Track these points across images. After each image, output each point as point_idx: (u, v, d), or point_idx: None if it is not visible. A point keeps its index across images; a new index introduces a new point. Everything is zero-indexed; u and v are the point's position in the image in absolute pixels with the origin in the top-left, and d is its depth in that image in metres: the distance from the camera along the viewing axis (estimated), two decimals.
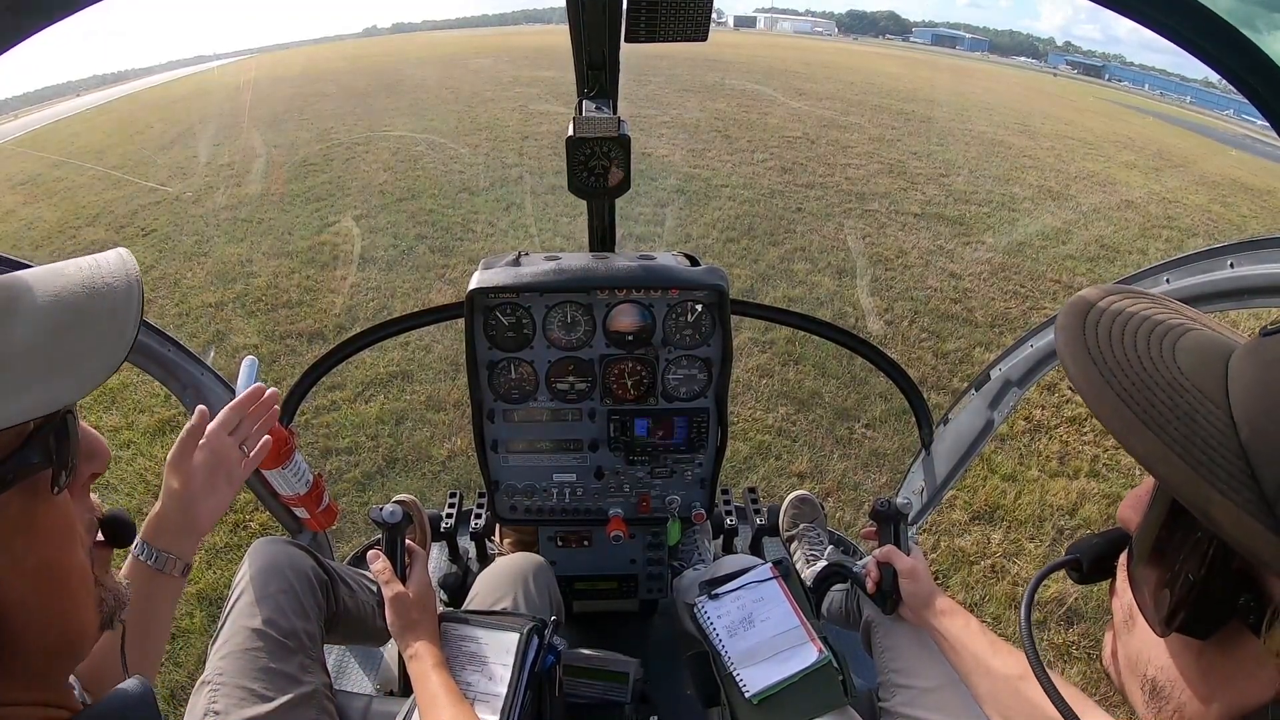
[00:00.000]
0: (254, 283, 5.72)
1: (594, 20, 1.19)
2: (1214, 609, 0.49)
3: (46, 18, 0.79)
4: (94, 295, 0.64)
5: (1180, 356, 0.50)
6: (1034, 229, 8.01)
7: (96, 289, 0.64)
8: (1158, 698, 0.57)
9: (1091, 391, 0.50)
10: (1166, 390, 0.48)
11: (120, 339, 0.63)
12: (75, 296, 0.64)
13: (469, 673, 1.32)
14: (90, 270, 0.66)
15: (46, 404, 0.58)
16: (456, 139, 10.64)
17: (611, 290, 1.59)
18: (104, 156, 10.57)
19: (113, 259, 0.69)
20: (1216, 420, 0.46)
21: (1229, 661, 0.51)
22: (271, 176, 8.97)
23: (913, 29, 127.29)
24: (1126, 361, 0.50)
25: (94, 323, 0.63)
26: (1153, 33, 0.87)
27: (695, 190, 8.40)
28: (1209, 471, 0.44)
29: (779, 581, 1.54)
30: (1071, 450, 4.02)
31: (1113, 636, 0.64)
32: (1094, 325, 0.53)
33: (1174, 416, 0.47)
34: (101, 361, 0.62)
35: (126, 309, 0.65)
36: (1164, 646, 0.56)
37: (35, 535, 0.61)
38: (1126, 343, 0.52)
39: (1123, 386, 0.49)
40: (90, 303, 0.63)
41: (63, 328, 0.61)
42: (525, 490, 1.78)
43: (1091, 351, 0.52)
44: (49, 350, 0.59)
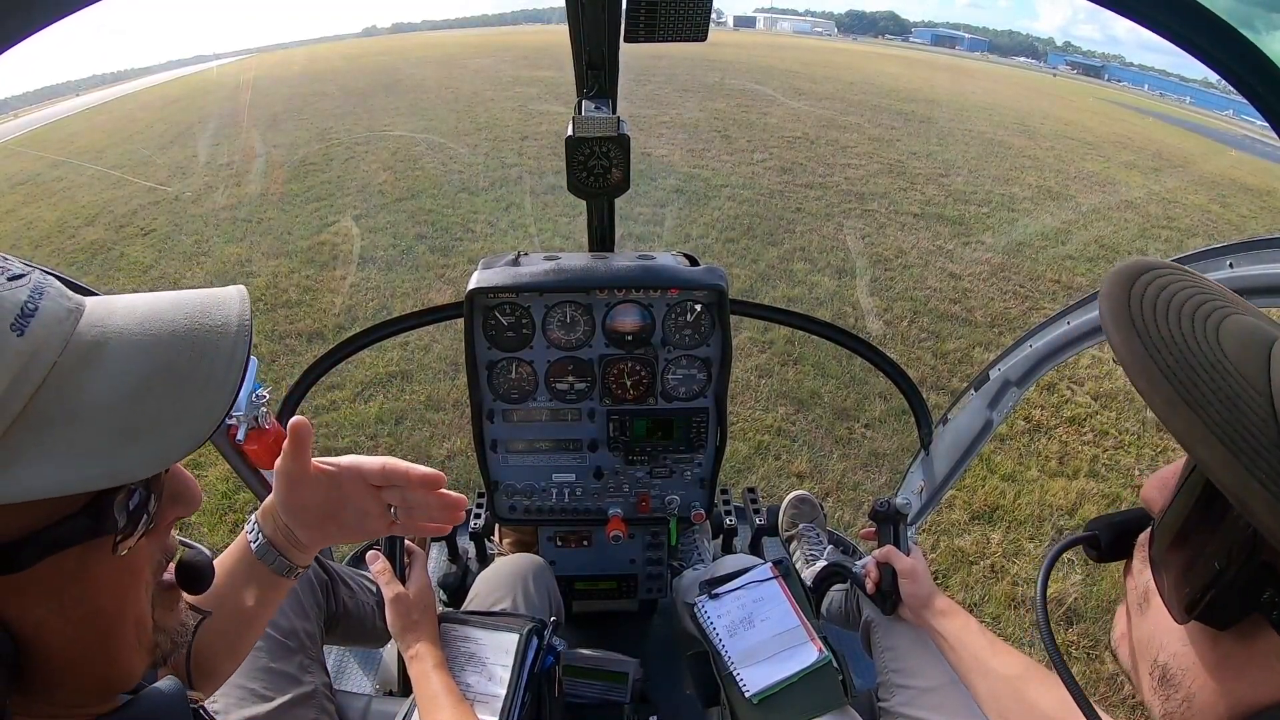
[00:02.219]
0: (253, 283, 5.72)
1: (593, 20, 1.19)
2: (1236, 600, 0.48)
3: (46, 18, 0.78)
4: (193, 353, 0.55)
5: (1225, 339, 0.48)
6: (1033, 229, 8.02)
7: (197, 344, 0.56)
8: (1167, 685, 0.56)
9: (1135, 365, 0.49)
10: (1209, 371, 0.47)
11: (209, 413, 0.54)
12: (171, 350, 0.55)
13: (468, 673, 1.32)
14: (195, 317, 0.57)
15: (109, 476, 0.50)
16: (456, 139, 10.64)
17: (611, 290, 1.59)
18: (103, 156, 10.57)
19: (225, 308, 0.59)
20: (1259, 409, 0.44)
21: (1245, 655, 0.50)
22: (271, 176, 8.98)
23: (912, 29, 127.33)
24: (1171, 338, 0.49)
25: (185, 388, 0.54)
26: (1152, 33, 0.87)
27: (695, 190, 8.40)
28: (1250, 459, 0.43)
29: (779, 581, 1.54)
30: (1071, 450, 4.02)
31: (1125, 618, 0.63)
32: (1139, 297, 0.52)
33: (1216, 399, 0.45)
34: (183, 435, 0.53)
35: (224, 378, 0.55)
36: (1179, 633, 0.55)
37: (90, 586, 0.55)
38: (1171, 318, 0.50)
39: (1166, 363, 0.48)
40: (186, 362, 0.55)
41: (148, 388, 0.53)
42: (525, 490, 1.78)
43: (1136, 323, 0.50)
44: (126, 413, 0.51)
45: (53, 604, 0.53)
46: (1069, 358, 1.74)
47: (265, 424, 1.59)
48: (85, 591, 0.55)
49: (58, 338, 0.52)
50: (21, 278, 0.52)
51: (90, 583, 0.55)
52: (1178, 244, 8.27)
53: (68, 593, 0.54)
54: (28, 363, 0.49)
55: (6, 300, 0.50)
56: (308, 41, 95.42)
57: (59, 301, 0.53)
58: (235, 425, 1.56)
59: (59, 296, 0.54)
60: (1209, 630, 0.51)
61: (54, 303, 0.53)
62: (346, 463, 0.92)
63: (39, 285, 0.53)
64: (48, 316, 0.52)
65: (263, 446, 1.59)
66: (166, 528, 0.64)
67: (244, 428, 1.56)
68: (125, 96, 20.05)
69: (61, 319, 0.53)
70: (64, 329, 0.53)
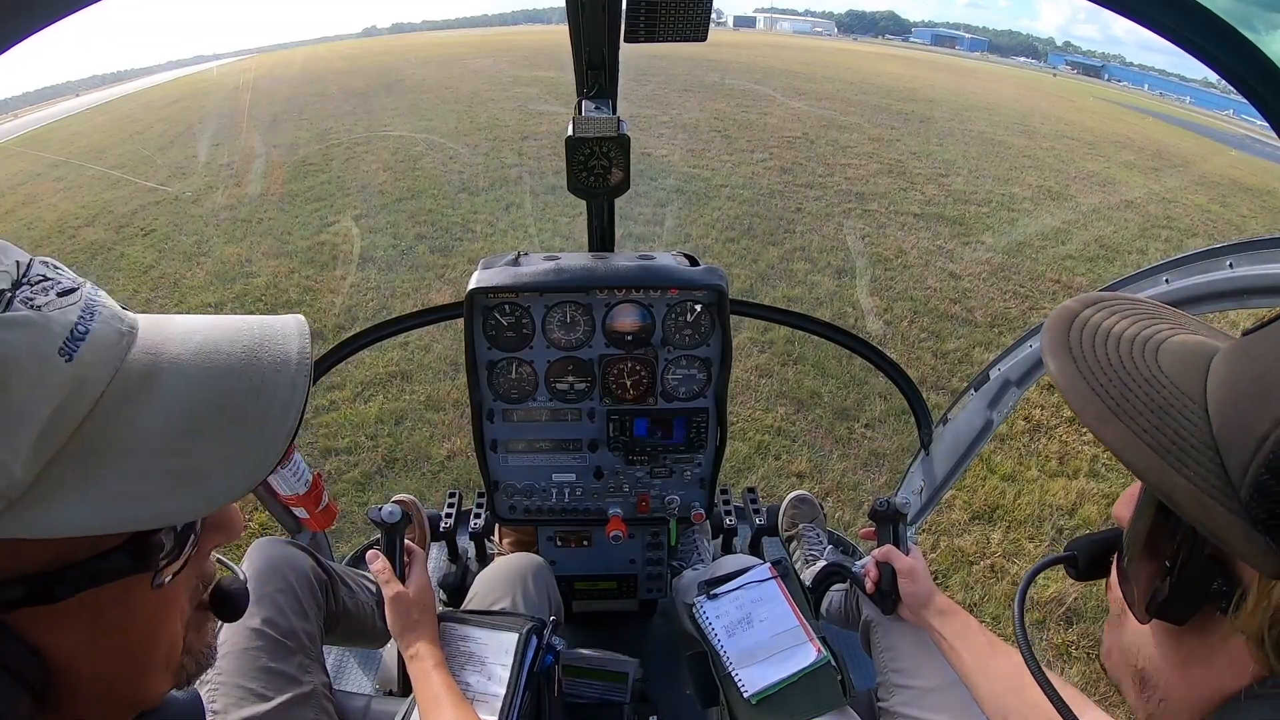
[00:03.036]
0: (253, 283, 5.72)
1: (593, 20, 1.19)
2: (1188, 594, 0.52)
3: (46, 18, 0.78)
4: (249, 392, 0.52)
5: (1163, 359, 0.53)
6: (1033, 229, 8.02)
7: (254, 382, 0.53)
8: (1146, 687, 0.60)
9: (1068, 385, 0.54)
10: (1143, 386, 0.52)
11: (263, 459, 0.51)
12: (226, 387, 0.52)
13: (468, 673, 1.32)
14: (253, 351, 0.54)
15: (153, 519, 0.48)
16: (456, 139, 10.63)
17: (611, 290, 1.59)
18: (104, 156, 10.56)
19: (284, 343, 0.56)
20: (1191, 414, 0.49)
21: (1205, 647, 0.53)
22: (271, 176, 8.97)
23: (912, 29, 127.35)
24: (1106, 361, 0.54)
25: (238, 429, 0.51)
26: (1152, 33, 0.87)
27: (694, 190, 8.40)
28: (1176, 459, 0.48)
29: (778, 581, 1.54)
30: (1071, 450, 4.02)
31: (1110, 632, 0.66)
32: (1079, 329, 0.57)
33: (1147, 410, 0.50)
34: (234, 479, 0.50)
35: (280, 422, 0.52)
36: (1150, 636, 0.58)
37: (126, 616, 0.53)
38: (1109, 347, 0.55)
39: (1099, 383, 0.53)
40: (241, 402, 0.52)
41: (200, 427, 0.50)
42: (524, 490, 1.78)
43: (1073, 350, 0.55)
44: (175, 453, 0.49)
45: (86, 632, 0.51)
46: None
47: None
48: (120, 621, 0.53)
49: (108, 365, 0.49)
50: (73, 293, 0.49)
51: (126, 613, 0.53)
52: (1177, 244, 8.27)
53: (102, 622, 0.52)
54: (74, 391, 0.46)
55: (55, 321, 0.46)
56: (308, 42, 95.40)
57: (111, 324, 0.50)
58: None
59: (112, 318, 0.50)
60: (1171, 629, 0.55)
61: (106, 325, 0.50)
62: None
63: (91, 303, 0.50)
64: (99, 340, 0.48)
65: None
66: (206, 555, 0.62)
67: None
68: (125, 96, 20.05)
69: (113, 343, 0.50)
70: (115, 355, 0.50)
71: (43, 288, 0.47)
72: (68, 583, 0.48)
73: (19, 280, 0.47)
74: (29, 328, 0.45)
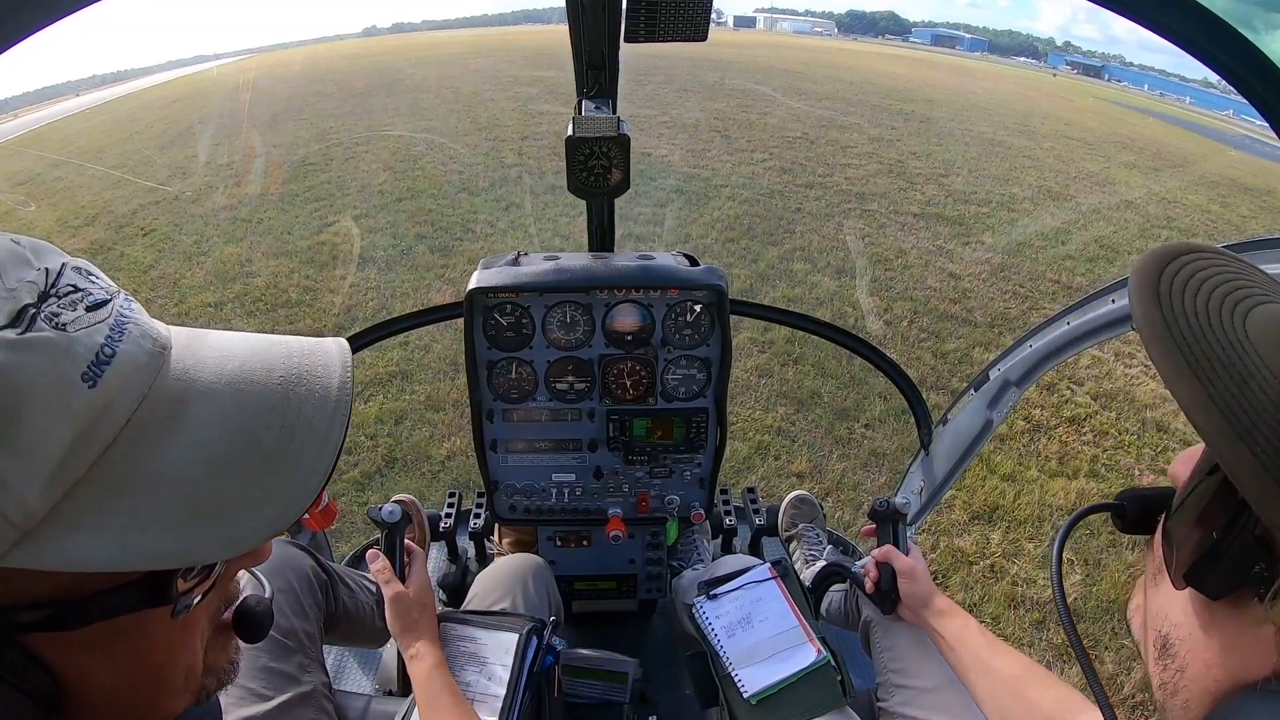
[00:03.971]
0: (253, 283, 5.72)
1: (593, 20, 1.19)
2: (1229, 571, 0.50)
3: (46, 18, 0.78)
4: (284, 428, 0.49)
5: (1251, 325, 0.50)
6: (1033, 229, 8.02)
7: (289, 418, 0.50)
8: (1166, 654, 0.58)
9: (1150, 332, 0.51)
10: (1225, 349, 0.49)
11: (294, 500, 0.48)
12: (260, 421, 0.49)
13: (468, 673, 1.32)
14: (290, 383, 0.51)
15: (178, 557, 0.46)
16: (456, 139, 10.63)
17: (611, 290, 1.59)
18: (103, 156, 10.56)
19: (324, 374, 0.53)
20: (1271, 389, 0.46)
21: (1233, 628, 0.52)
22: (271, 176, 8.97)
23: (912, 29, 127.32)
24: (1194, 312, 0.51)
25: (271, 468, 0.48)
26: (1152, 33, 0.87)
27: (694, 190, 8.40)
28: (1247, 431, 0.45)
29: (778, 581, 1.54)
30: (1071, 450, 4.02)
31: (1141, 591, 0.65)
32: (1171, 274, 0.53)
33: (1226, 375, 0.47)
34: (261, 523, 0.47)
35: (315, 462, 0.49)
36: (1181, 605, 0.57)
37: (143, 643, 0.51)
38: (1200, 297, 0.52)
39: (1182, 334, 0.50)
40: (275, 439, 0.49)
41: (229, 463, 0.47)
42: (524, 490, 1.78)
43: (1161, 297, 0.52)
44: (202, 491, 0.46)
45: (102, 657, 0.49)
46: (1069, 358, 1.74)
47: None
48: (137, 647, 0.51)
49: (135, 390, 0.46)
50: (103, 306, 0.46)
51: (143, 640, 0.51)
52: None
53: (119, 648, 0.50)
54: (97, 418, 0.44)
55: (80, 343, 0.43)
56: (308, 41, 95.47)
57: (141, 344, 0.47)
58: None
59: (142, 337, 0.47)
60: (1204, 601, 0.53)
61: (135, 345, 0.47)
62: None
63: (121, 320, 0.47)
64: (126, 363, 0.45)
65: None
66: (230, 580, 0.60)
67: None
68: (125, 96, 20.04)
69: (141, 366, 0.47)
70: (143, 379, 0.47)
71: (71, 301, 0.44)
72: (84, 613, 0.46)
73: (46, 292, 0.44)
74: (50, 351, 0.42)
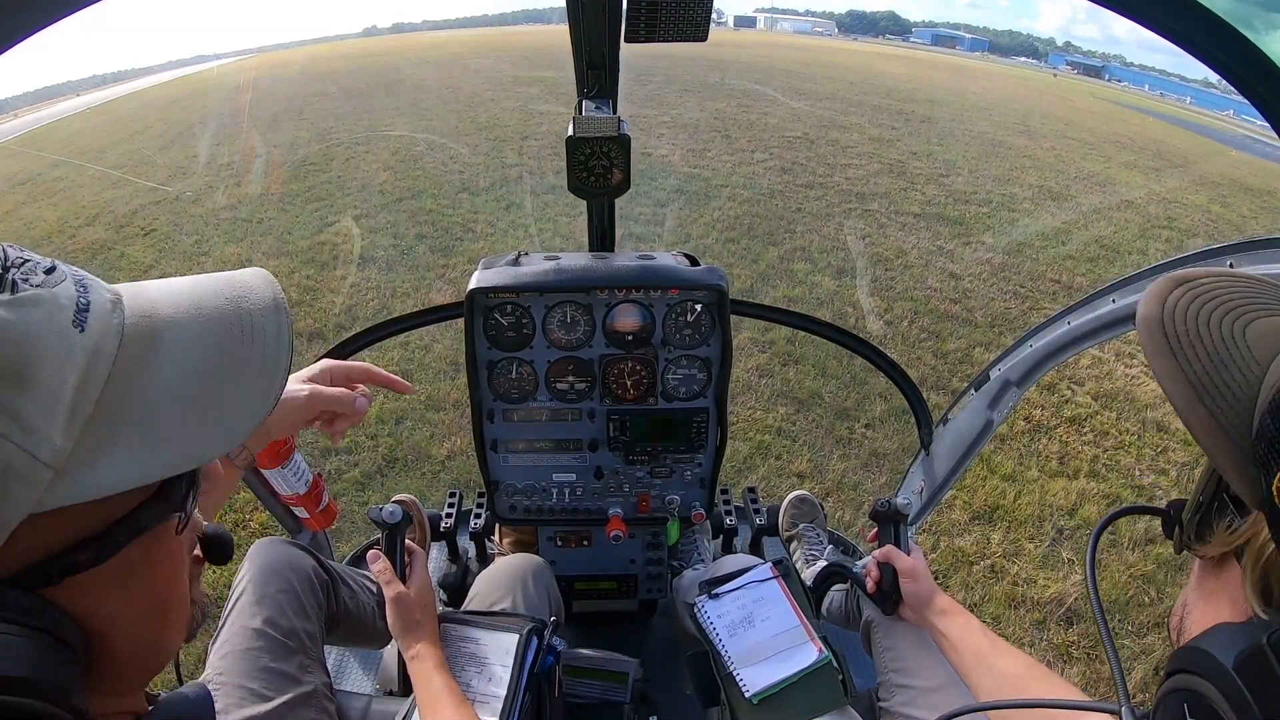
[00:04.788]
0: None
1: (594, 20, 1.19)
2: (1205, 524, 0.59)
3: (46, 18, 0.78)
4: (243, 335, 0.58)
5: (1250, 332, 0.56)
6: (1034, 229, 8.02)
7: (246, 329, 0.59)
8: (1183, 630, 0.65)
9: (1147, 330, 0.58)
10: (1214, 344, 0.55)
11: (268, 389, 0.58)
12: (223, 334, 0.58)
13: (468, 674, 1.32)
14: (238, 301, 0.60)
15: (190, 459, 0.53)
16: (456, 139, 10.64)
17: (611, 290, 1.59)
18: (104, 156, 10.57)
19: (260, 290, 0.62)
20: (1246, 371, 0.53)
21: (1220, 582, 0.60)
22: (271, 176, 8.98)
23: (913, 29, 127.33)
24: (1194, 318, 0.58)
25: (243, 370, 0.57)
26: (1152, 33, 0.87)
27: (695, 190, 8.40)
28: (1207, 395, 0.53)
29: (779, 581, 1.54)
30: (1071, 450, 4.02)
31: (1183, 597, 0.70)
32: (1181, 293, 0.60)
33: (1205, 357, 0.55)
34: (248, 414, 0.56)
35: (277, 356, 0.59)
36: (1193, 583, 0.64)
37: (152, 571, 0.58)
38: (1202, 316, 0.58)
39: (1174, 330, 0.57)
40: (240, 347, 0.58)
41: (209, 372, 0.55)
42: (525, 490, 1.78)
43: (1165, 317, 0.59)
44: (194, 398, 0.54)
45: (122, 594, 0.55)
46: (1069, 358, 1.74)
47: None
48: (148, 576, 0.57)
49: (113, 331, 0.52)
50: (55, 270, 0.51)
51: (152, 568, 0.57)
52: (1178, 244, 8.27)
53: (134, 580, 0.55)
54: (92, 360, 0.49)
55: (61, 296, 0.49)
56: (308, 41, 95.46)
57: (102, 294, 0.53)
58: None
59: (98, 289, 0.54)
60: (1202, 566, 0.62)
61: (99, 295, 0.53)
62: None
63: (78, 278, 0.52)
64: (99, 310, 0.52)
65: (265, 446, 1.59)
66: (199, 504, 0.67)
67: None
68: (125, 96, 20.05)
69: (109, 313, 0.53)
70: (116, 321, 0.53)
71: (28, 269, 0.49)
72: (116, 540, 0.52)
73: (6, 264, 0.49)
74: (44, 305, 0.48)
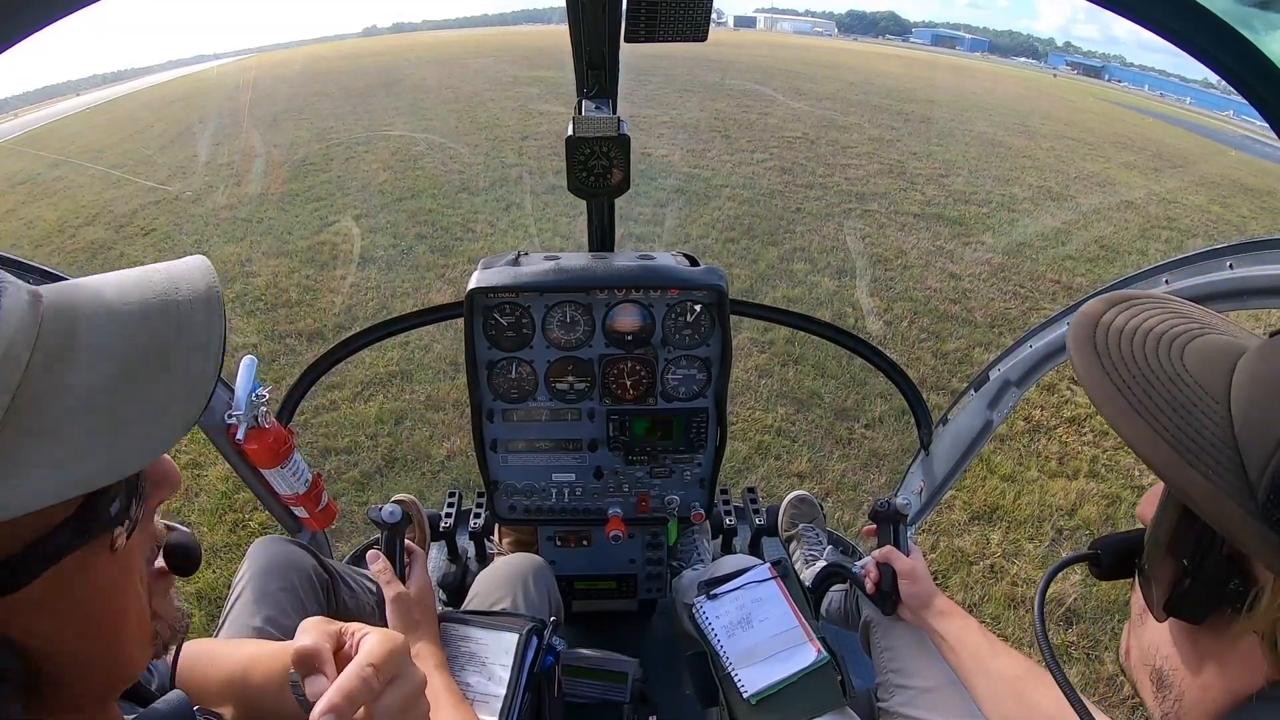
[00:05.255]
0: (253, 282, 5.72)
1: (594, 20, 1.19)
2: (1205, 593, 0.52)
3: (46, 18, 0.78)
4: (169, 329, 0.53)
5: (1189, 358, 0.53)
6: (1033, 229, 8.02)
7: (171, 320, 0.53)
8: (1163, 687, 0.60)
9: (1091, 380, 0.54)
10: (1166, 385, 0.51)
11: (197, 390, 0.52)
12: (146, 330, 0.52)
13: (468, 673, 1.32)
14: (166, 294, 0.54)
15: (109, 472, 0.48)
16: (456, 139, 10.63)
17: (611, 290, 1.59)
18: (103, 156, 10.56)
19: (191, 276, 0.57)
20: (1213, 414, 0.49)
21: (1220, 647, 0.54)
22: (271, 176, 8.97)
23: (912, 29, 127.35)
24: (1131, 358, 0.54)
25: (168, 367, 0.52)
26: (1152, 34, 0.87)
27: (695, 190, 8.40)
28: (1194, 456, 0.47)
29: (778, 582, 1.54)
30: (1071, 451, 4.02)
31: (1129, 632, 0.66)
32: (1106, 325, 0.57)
33: (1169, 407, 0.50)
34: (176, 415, 0.51)
35: (206, 351, 0.53)
36: (1168, 636, 0.59)
37: (91, 589, 0.53)
38: (1135, 344, 0.55)
39: (1122, 378, 0.53)
40: (164, 341, 0.52)
41: (129, 374, 0.50)
42: (524, 490, 1.78)
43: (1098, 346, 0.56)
44: (114, 403, 0.49)
45: (56, 614, 0.51)
46: (1069, 358, 1.74)
47: (265, 423, 1.59)
48: (86, 595, 0.53)
49: (26, 334, 0.48)
50: None
51: (90, 586, 0.53)
52: (1178, 244, 8.27)
53: (69, 600, 0.52)
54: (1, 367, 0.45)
55: None
56: (308, 41, 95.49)
57: (17, 296, 0.49)
58: (235, 425, 1.56)
59: (16, 289, 0.49)
60: (1188, 628, 0.55)
61: (13, 299, 0.48)
62: None
63: None
64: (10, 312, 0.47)
65: (263, 446, 1.59)
66: (151, 515, 0.62)
67: (244, 427, 1.55)
68: (125, 96, 20.04)
69: (25, 315, 0.48)
70: (30, 324, 0.49)
71: None
72: (31, 564, 0.47)
73: None
74: None
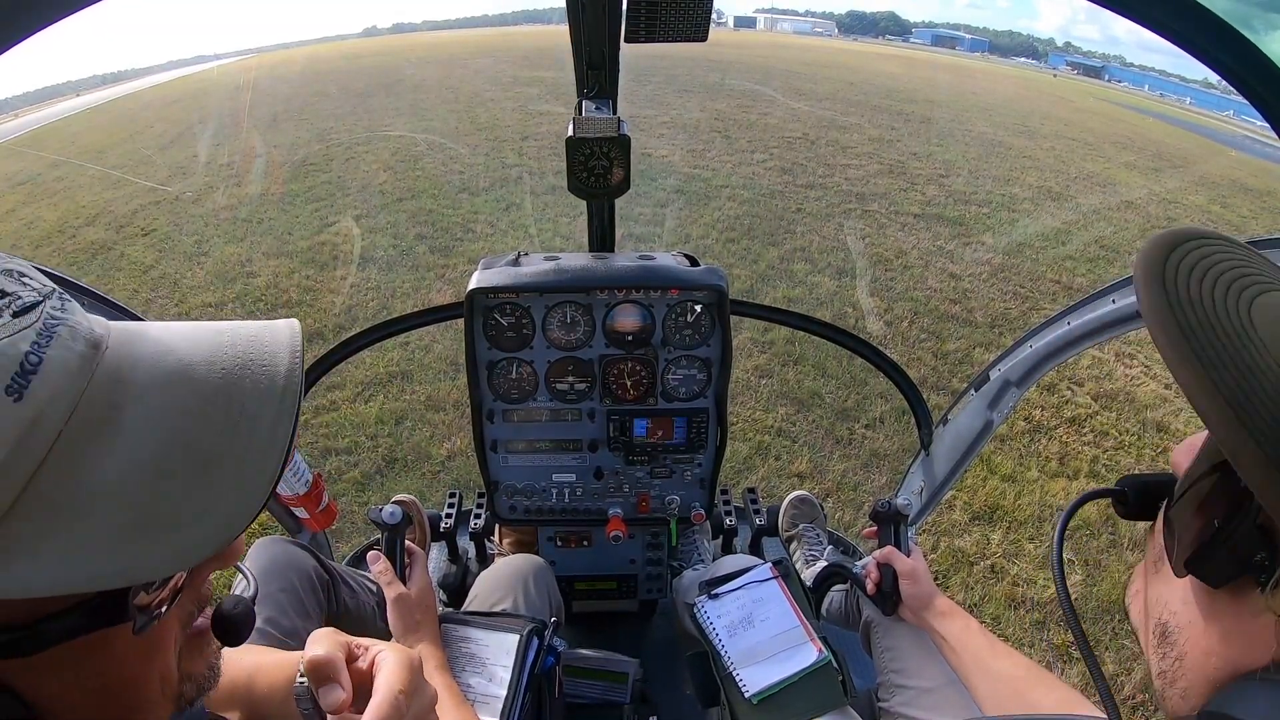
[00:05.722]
0: (254, 283, 5.72)
1: (594, 20, 1.19)
2: (1230, 559, 0.50)
3: (46, 18, 0.78)
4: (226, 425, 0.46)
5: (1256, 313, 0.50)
6: (1034, 230, 8.02)
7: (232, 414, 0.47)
8: (1165, 643, 0.58)
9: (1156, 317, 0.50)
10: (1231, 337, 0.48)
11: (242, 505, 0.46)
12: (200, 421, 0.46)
13: (469, 674, 1.32)
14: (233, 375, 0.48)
15: (121, 576, 0.43)
16: (456, 139, 10.64)
17: (611, 290, 1.59)
18: (104, 156, 10.56)
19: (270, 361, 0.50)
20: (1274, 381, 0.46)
21: (1233, 617, 0.52)
22: (271, 176, 8.98)
23: (913, 29, 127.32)
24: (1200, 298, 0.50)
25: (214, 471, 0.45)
26: (1152, 33, 0.87)
27: (695, 190, 8.40)
28: (1250, 419, 0.45)
29: (779, 581, 1.54)
30: (1071, 451, 4.02)
31: (1141, 576, 0.65)
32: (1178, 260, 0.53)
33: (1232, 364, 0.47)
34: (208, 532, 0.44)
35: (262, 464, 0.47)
36: (1181, 593, 0.57)
37: (109, 660, 0.49)
38: (1206, 283, 0.51)
39: (1187, 320, 0.49)
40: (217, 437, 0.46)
41: (169, 469, 0.44)
42: (525, 490, 1.78)
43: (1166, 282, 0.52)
44: (143, 501, 0.43)
45: (68, 678, 0.48)
46: (1069, 358, 1.74)
47: None
48: (104, 665, 0.49)
49: (66, 399, 0.43)
50: (32, 310, 0.43)
51: (109, 659, 0.49)
52: None
53: (84, 668, 0.48)
54: (27, 433, 0.41)
55: (4, 354, 0.40)
56: (308, 41, 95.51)
57: (71, 347, 0.44)
58: None
59: (71, 339, 0.44)
60: (1205, 589, 0.53)
61: (64, 350, 0.43)
62: None
63: (50, 323, 0.43)
64: (54, 371, 0.42)
65: None
66: (200, 584, 0.57)
67: None
68: (125, 96, 20.05)
69: (72, 373, 0.43)
70: (75, 385, 0.44)
71: None
72: (41, 638, 0.44)
73: None
74: None
